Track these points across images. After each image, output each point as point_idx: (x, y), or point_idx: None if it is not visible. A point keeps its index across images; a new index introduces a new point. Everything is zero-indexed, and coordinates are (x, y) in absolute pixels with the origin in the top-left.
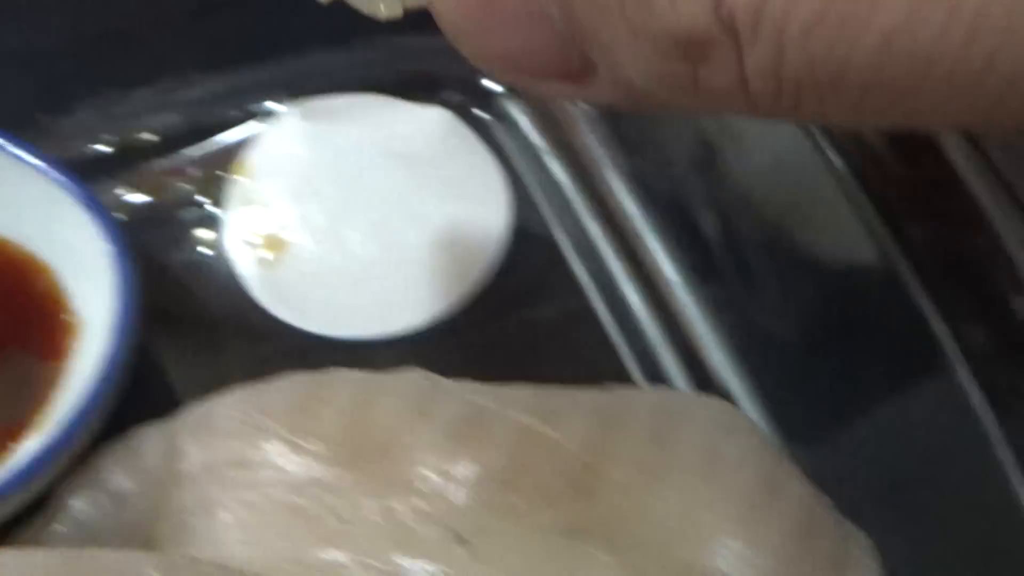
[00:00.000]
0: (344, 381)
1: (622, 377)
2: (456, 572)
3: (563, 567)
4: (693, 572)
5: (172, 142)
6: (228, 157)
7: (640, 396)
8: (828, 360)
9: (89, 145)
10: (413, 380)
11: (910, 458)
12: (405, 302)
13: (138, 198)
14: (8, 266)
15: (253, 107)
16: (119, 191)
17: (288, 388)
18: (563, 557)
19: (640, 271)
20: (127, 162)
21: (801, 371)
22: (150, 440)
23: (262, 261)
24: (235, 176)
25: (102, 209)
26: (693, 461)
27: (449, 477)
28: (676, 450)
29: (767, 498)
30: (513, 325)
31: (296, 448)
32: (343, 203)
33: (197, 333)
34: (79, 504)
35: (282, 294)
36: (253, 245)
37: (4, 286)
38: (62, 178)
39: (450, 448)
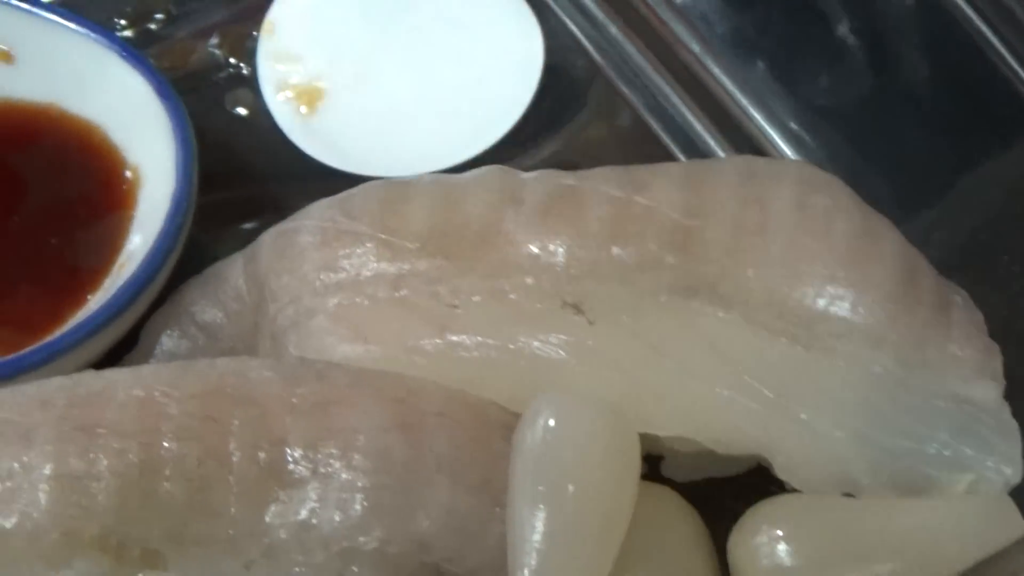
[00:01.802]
0: (426, 182)
1: None
2: (578, 339)
3: (682, 325)
4: (807, 320)
5: (191, 8)
6: (251, 16)
7: (725, 162)
8: (880, 133)
9: (109, 18)
10: (494, 173)
11: (984, 224)
12: (448, 138)
13: (166, 67)
14: (61, 128)
15: None
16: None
17: (372, 193)
18: (680, 316)
19: (683, 74)
20: (148, 33)
21: (852, 143)
22: (233, 269)
23: (300, 112)
24: (261, 34)
25: (148, 65)
26: (788, 215)
27: (552, 252)
28: (770, 206)
29: (867, 244)
30: (561, 146)
31: (390, 246)
32: (374, 48)
33: (246, 188)
34: (171, 339)
35: (324, 141)
36: (289, 98)
37: (60, 148)
38: (104, 39)
39: (548, 225)
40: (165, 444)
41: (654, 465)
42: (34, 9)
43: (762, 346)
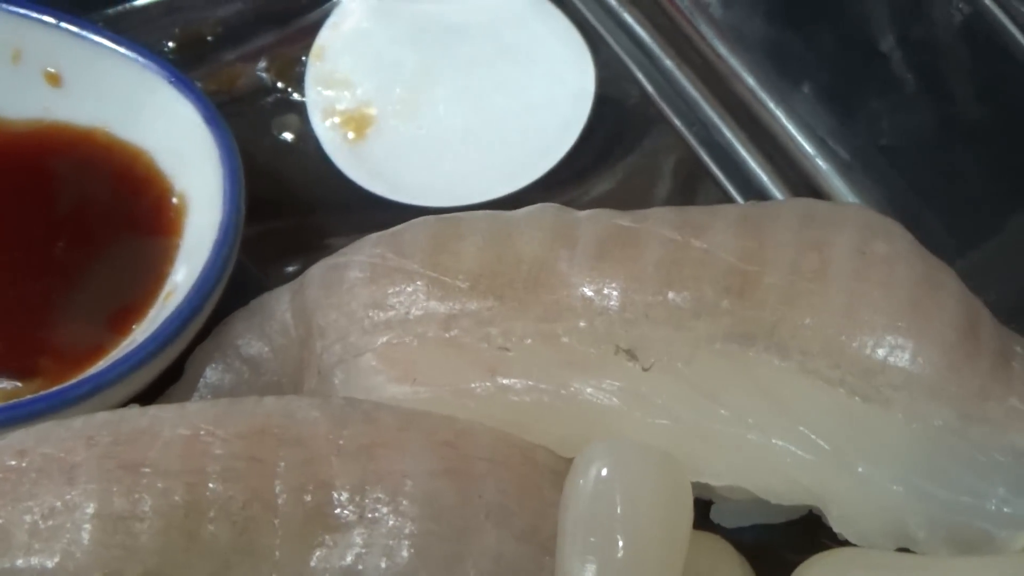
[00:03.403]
0: (477, 218)
1: None
2: (631, 386)
3: (738, 373)
4: (866, 371)
5: (240, 31)
6: (299, 41)
7: (783, 205)
8: (938, 171)
9: (157, 40)
10: (548, 212)
11: None
12: (497, 168)
13: (213, 90)
14: (108, 153)
15: None
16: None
17: (422, 229)
18: (736, 363)
19: (734, 106)
20: (196, 56)
21: (910, 181)
22: (279, 302)
23: (348, 139)
24: (310, 59)
25: (197, 91)
26: (848, 261)
27: (606, 296)
28: (829, 252)
29: (928, 293)
30: (611, 179)
31: (441, 285)
32: (423, 75)
33: (292, 214)
34: (216, 372)
35: (372, 169)
36: (337, 124)
37: (107, 173)
38: (154, 64)
39: (602, 268)
40: (210, 485)
41: (702, 510)
42: (83, 32)
43: (819, 396)
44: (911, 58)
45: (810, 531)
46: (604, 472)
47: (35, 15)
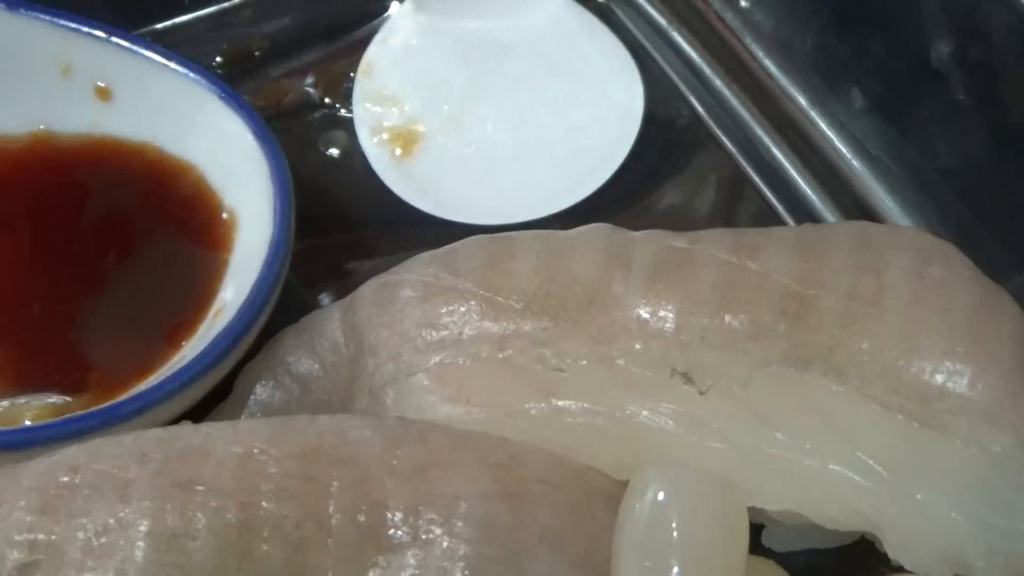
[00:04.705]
0: (531, 238)
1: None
2: (687, 409)
3: (794, 397)
4: (924, 396)
5: (287, 47)
6: (347, 57)
7: (839, 228)
8: (995, 191)
9: (205, 55)
10: (602, 232)
11: None
12: (545, 186)
13: (260, 106)
14: (157, 168)
15: (368, 5)
16: None
17: (476, 248)
18: (793, 388)
19: (784, 125)
20: (243, 71)
21: (964, 203)
22: (330, 320)
23: (395, 155)
24: (358, 75)
25: (247, 107)
26: (905, 285)
27: (662, 318)
28: (886, 276)
29: (986, 318)
30: (660, 198)
31: (494, 304)
32: (471, 92)
33: (339, 230)
34: (266, 389)
35: (419, 186)
36: (384, 141)
37: (156, 188)
38: (204, 79)
39: (657, 289)
40: (264, 504)
41: (754, 533)
42: (133, 46)
43: (877, 421)
44: (966, 74)
45: (863, 557)
46: (660, 496)
47: (86, 29)
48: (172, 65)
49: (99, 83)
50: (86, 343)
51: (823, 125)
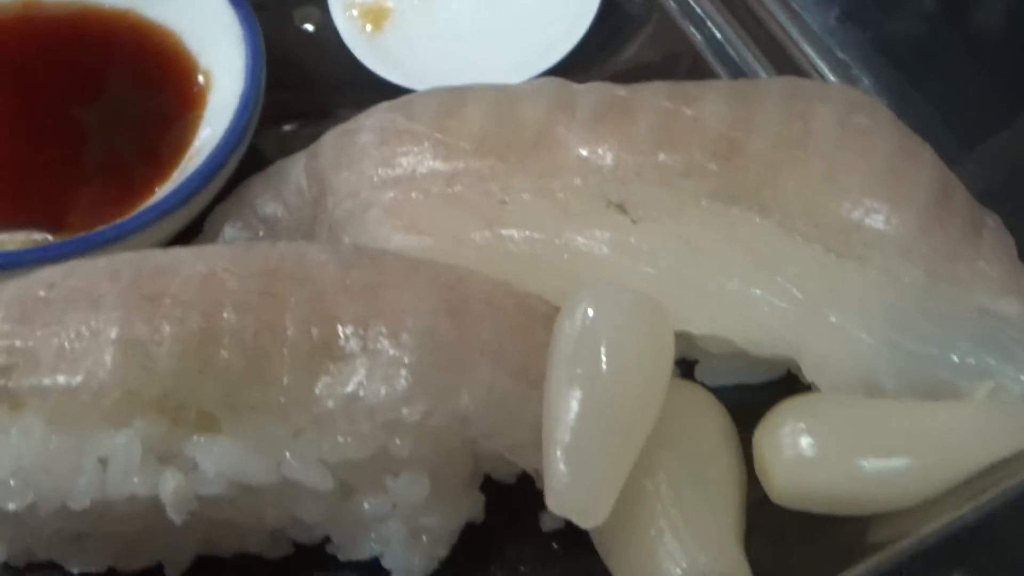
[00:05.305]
0: (484, 88)
1: None
2: (621, 236)
3: (721, 228)
4: (842, 230)
5: None
6: None
7: (771, 81)
8: (933, 66)
9: None
10: (551, 83)
11: None
12: (508, 59)
13: None
14: (138, 34)
15: None
16: None
17: (431, 97)
18: (720, 220)
19: (739, 8)
20: None
21: (905, 78)
22: (295, 165)
23: (366, 31)
24: None
25: None
26: (830, 131)
27: (600, 156)
28: (812, 123)
29: (904, 162)
30: (616, 71)
31: (446, 146)
32: None
33: (310, 100)
34: (234, 229)
35: (389, 58)
36: (355, 16)
37: (137, 52)
38: None
39: (598, 131)
40: (225, 315)
41: (688, 369)
42: None
43: (797, 251)
44: None
45: (788, 391)
46: (591, 312)
47: None
48: None
49: None
50: (67, 187)
51: (776, 9)
